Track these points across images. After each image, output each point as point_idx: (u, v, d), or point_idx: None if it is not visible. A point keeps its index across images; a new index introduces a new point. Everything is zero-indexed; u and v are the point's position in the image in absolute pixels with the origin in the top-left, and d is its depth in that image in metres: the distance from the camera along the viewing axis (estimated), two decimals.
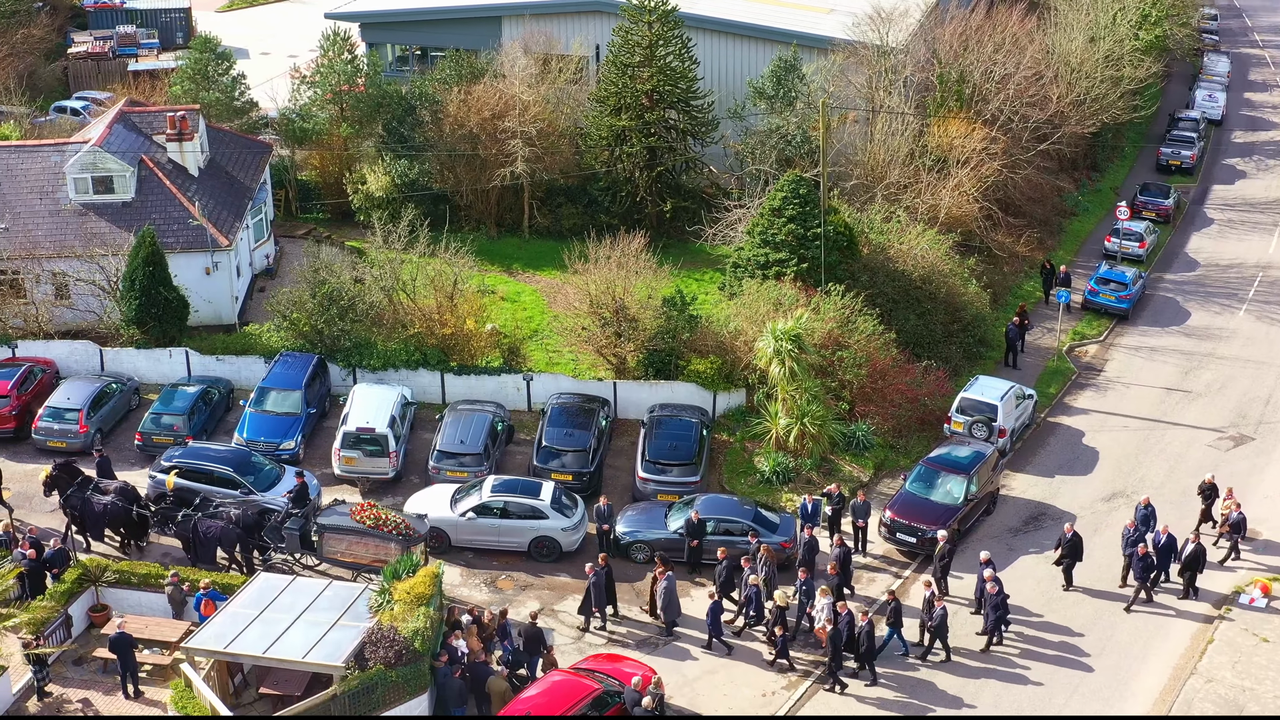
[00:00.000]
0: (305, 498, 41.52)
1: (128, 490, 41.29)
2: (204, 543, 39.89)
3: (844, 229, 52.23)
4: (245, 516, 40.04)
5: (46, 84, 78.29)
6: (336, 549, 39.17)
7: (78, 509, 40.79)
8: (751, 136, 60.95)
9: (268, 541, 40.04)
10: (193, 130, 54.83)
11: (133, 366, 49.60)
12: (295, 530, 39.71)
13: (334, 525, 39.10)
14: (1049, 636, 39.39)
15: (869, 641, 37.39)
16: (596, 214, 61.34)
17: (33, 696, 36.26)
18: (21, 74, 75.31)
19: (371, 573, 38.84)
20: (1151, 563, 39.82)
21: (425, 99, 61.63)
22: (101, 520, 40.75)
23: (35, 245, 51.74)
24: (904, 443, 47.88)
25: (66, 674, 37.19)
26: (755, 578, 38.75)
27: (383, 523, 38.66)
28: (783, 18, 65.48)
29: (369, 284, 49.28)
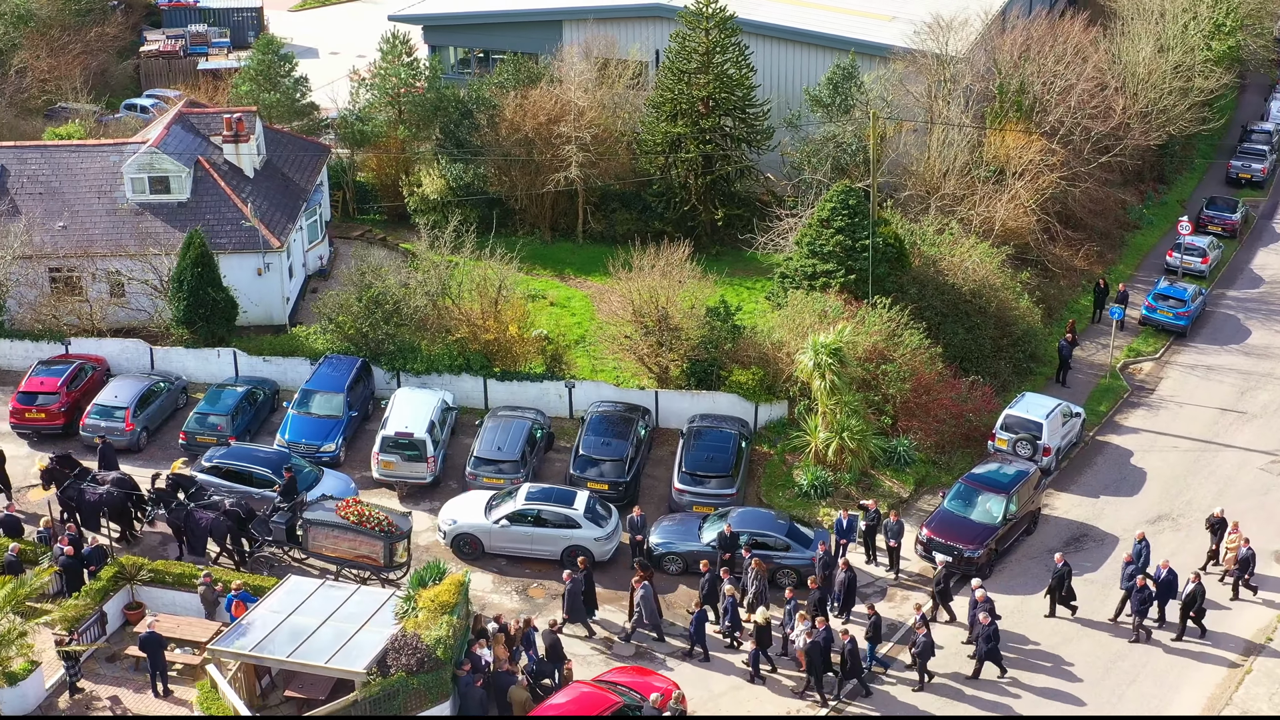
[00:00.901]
0: (293, 491, 41.94)
1: (124, 481, 42.08)
2: (196, 533, 40.57)
3: (894, 240, 51.74)
4: (236, 508, 40.71)
5: (118, 82, 79.46)
6: (321, 543, 39.83)
7: (74, 499, 41.61)
8: (807, 144, 60.59)
9: (256, 534, 40.69)
10: (249, 132, 55.42)
11: (181, 366, 50.25)
12: (282, 524, 40.39)
13: (319, 520, 39.83)
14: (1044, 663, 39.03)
15: (853, 659, 37.03)
16: (650, 220, 61.29)
17: (65, 692, 36.84)
18: (94, 72, 76.59)
19: (355, 568, 39.50)
20: (1149, 595, 39.02)
21: (482, 103, 61.87)
22: (96, 510, 41.42)
23: (91, 244, 52.56)
24: (947, 459, 47.36)
25: (99, 670, 37.76)
26: (730, 588, 38.77)
27: (366, 519, 39.36)
28: (841, 25, 65.03)
29: (413, 288, 49.51)
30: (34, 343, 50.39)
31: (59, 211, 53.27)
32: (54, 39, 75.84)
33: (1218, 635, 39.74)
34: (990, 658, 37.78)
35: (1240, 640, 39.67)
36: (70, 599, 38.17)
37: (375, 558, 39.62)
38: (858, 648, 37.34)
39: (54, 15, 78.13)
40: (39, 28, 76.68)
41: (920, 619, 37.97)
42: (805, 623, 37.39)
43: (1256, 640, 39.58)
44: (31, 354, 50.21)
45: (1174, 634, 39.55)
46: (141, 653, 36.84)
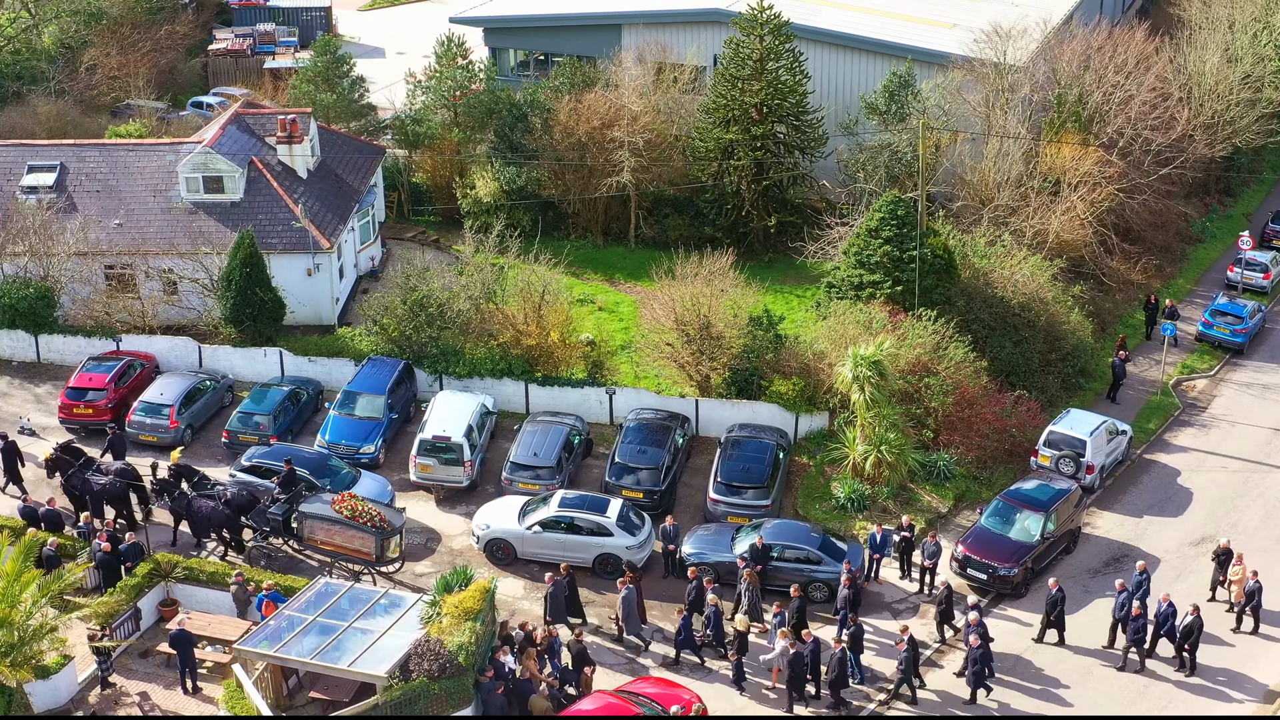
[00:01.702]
0: (292, 483, 42.37)
1: (128, 471, 42.86)
2: (196, 521, 41.39)
3: (943, 252, 51.23)
4: (236, 498, 41.40)
5: (186, 80, 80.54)
6: (316, 536, 40.55)
7: (78, 488, 42.45)
8: (862, 152, 60.18)
9: (253, 524, 41.39)
10: (303, 133, 55.95)
11: (229, 364, 50.84)
12: (279, 515, 41.04)
13: (314, 513, 40.50)
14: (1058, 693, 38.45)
15: (839, 669, 36.77)
16: (702, 226, 61.24)
17: (96, 687, 37.40)
18: (163, 69, 77.67)
19: (348, 561, 40.25)
20: (1143, 625, 38.31)
21: (536, 106, 62.04)
22: (100, 499, 42.23)
23: (146, 242, 53.31)
24: (988, 474, 46.83)
25: (131, 666, 38.27)
26: (713, 597, 38.72)
27: (359, 514, 40.06)
28: (899, 31, 64.53)
29: (456, 292, 49.74)
30: (86, 339, 51.20)
31: (115, 209, 54.09)
32: (124, 36, 76.97)
33: (1238, 676, 38.77)
34: (975, 680, 37.32)
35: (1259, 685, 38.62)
36: (105, 594, 38.75)
37: (367, 552, 40.30)
38: (846, 660, 37.07)
39: (125, 13, 79.30)
40: (110, 25, 77.91)
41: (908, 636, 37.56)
42: (784, 640, 37.12)
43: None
44: (84, 349, 51.01)
45: (1174, 667, 38.71)
46: (171, 650, 37.33)
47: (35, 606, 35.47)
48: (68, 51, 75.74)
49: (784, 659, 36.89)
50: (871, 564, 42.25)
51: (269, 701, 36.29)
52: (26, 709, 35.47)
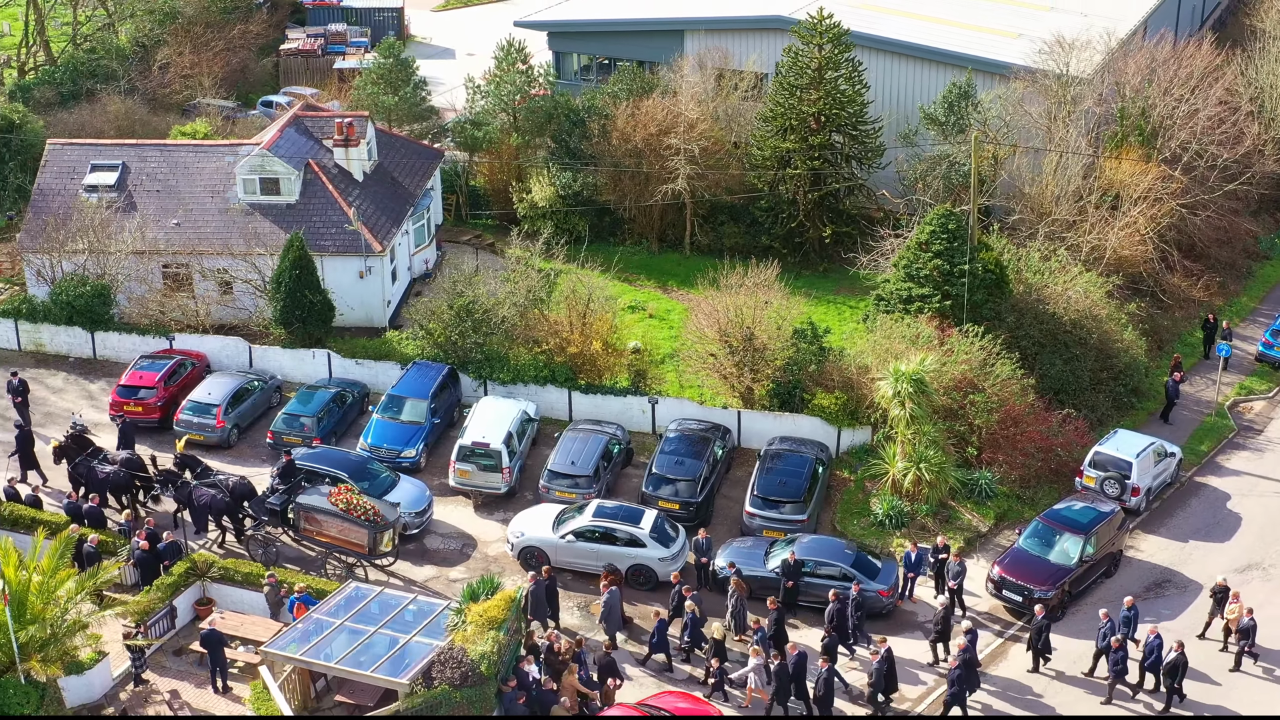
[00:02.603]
0: (292, 474, 43.07)
1: (132, 461, 43.78)
2: (197, 509, 42.31)
3: (994, 266, 50.64)
4: (236, 488, 42.39)
5: (257, 79, 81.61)
6: (311, 527, 41.57)
7: (83, 476, 43.41)
8: (921, 163, 59.67)
9: (251, 513, 42.15)
10: (359, 136, 56.44)
11: (278, 365, 51.42)
12: (276, 505, 41.96)
13: (311, 505, 41.44)
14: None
15: (826, 688, 36.50)
16: (758, 235, 61.07)
17: (129, 683, 38.01)
18: (234, 68, 78.74)
19: (342, 553, 41.18)
20: (1124, 657, 37.64)
21: (594, 112, 62.15)
22: (104, 488, 43.28)
23: (202, 242, 54.06)
24: (1031, 494, 46.24)
25: (166, 663, 38.85)
26: (691, 604, 38.79)
27: (353, 507, 40.95)
28: (961, 41, 63.87)
29: (502, 298, 49.96)
30: (140, 336, 52.01)
31: (174, 209, 54.90)
32: (197, 35, 78.15)
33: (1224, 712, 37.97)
34: (951, 700, 36.89)
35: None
36: (141, 592, 39.38)
37: (361, 545, 41.10)
38: (834, 678, 36.81)
39: (199, 12, 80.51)
40: (184, 24, 79.09)
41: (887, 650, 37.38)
42: (757, 658, 37.04)
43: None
44: (138, 347, 51.85)
45: (1162, 704, 37.88)
46: (202, 649, 37.84)
47: (70, 603, 36.10)
48: (141, 50, 77.00)
49: (758, 675, 36.82)
50: (906, 582, 41.87)
51: (296, 703, 36.76)
52: (60, 703, 36.10)
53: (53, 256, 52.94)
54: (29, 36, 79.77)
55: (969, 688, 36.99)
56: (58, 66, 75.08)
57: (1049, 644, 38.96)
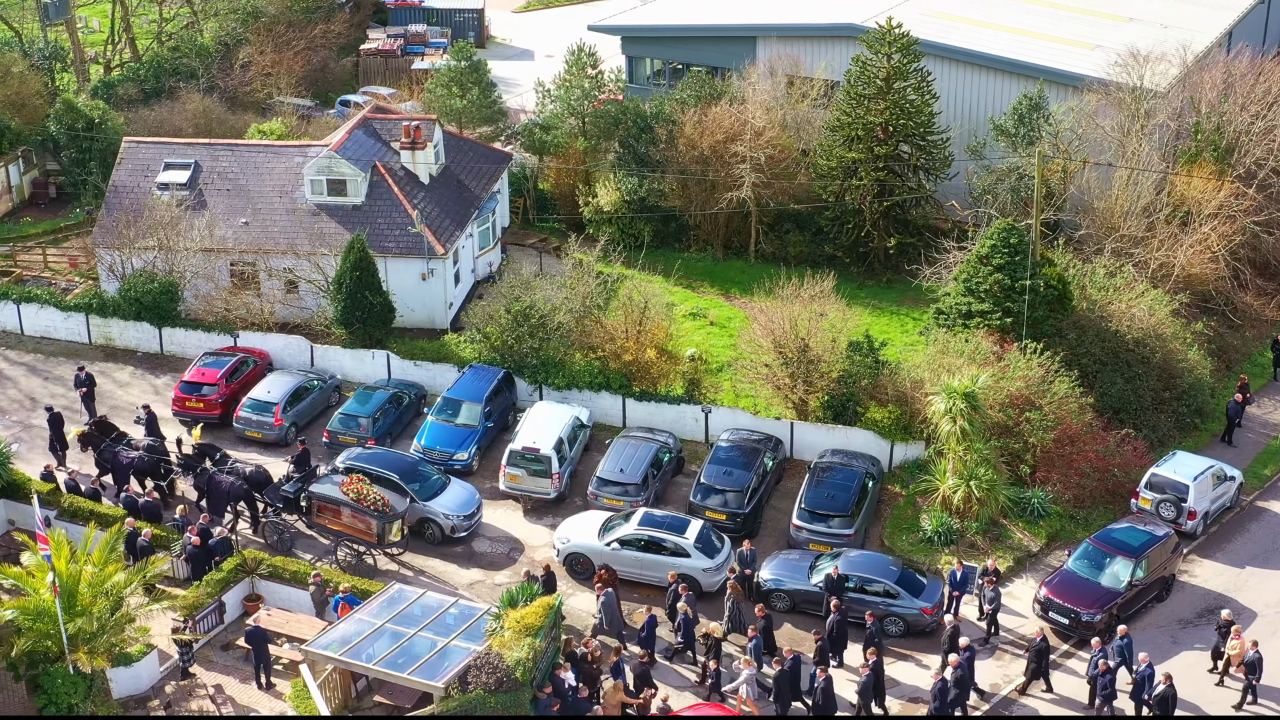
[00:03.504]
0: (306, 463, 44.59)
1: (155, 448, 45.11)
2: (215, 495, 43.43)
3: (1056, 283, 50.04)
4: (253, 475, 43.73)
5: (337, 78, 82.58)
6: (323, 515, 42.68)
7: (109, 462, 44.51)
8: (990, 174, 59.09)
9: (267, 500, 43.45)
10: (426, 139, 56.98)
11: (338, 364, 52.09)
12: (291, 493, 43.16)
13: (323, 494, 42.46)
14: None
15: (825, 698, 36.45)
16: (823, 244, 60.85)
17: (176, 677, 38.73)
18: (315, 67, 79.79)
19: (352, 542, 42.39)
20: (1110, 680, 37.12)
21: (662, 118, 62.24)
22: (127, 473, 44.71)
23: (269, 241, 54.89)
24: (1085, 514, 45.63)
25: (212, 658, 39.57)
26: (684, 604, 39.04)
27: (363, 498, 41.94)
28: (1034, 51, 63.10)
29: (559, 305, 50.22)
30: (206, 333, 52.94)
31: (243, 208, 55.80)
32: (279, 34, 79.25)
33: None
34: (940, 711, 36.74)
35: None
36: (190, 587, 40.13)
37: (369, 534, 42.09)
38: (831, 687, 36.80)
39: (281, 11, 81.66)
40: (266, 23, 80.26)
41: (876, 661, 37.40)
42: (749, 669, 37.15)
43: None
44: (204, 344, 52.78)
45: None
46: (247, 645, 38.47)
47: (119, 596, 36.82)
48: (224, 48, 78.24)
49: (749, 686, 36.98)
50: (951, 600, 41.53)
51: (337, 702, 37.30)
52: (107, 694, 36.87)
53: (124, 253, 53.99)
54: (114, 34, 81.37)
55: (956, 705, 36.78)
56: (142, 64, 76.51)
57: (1047, 666, 38.57)
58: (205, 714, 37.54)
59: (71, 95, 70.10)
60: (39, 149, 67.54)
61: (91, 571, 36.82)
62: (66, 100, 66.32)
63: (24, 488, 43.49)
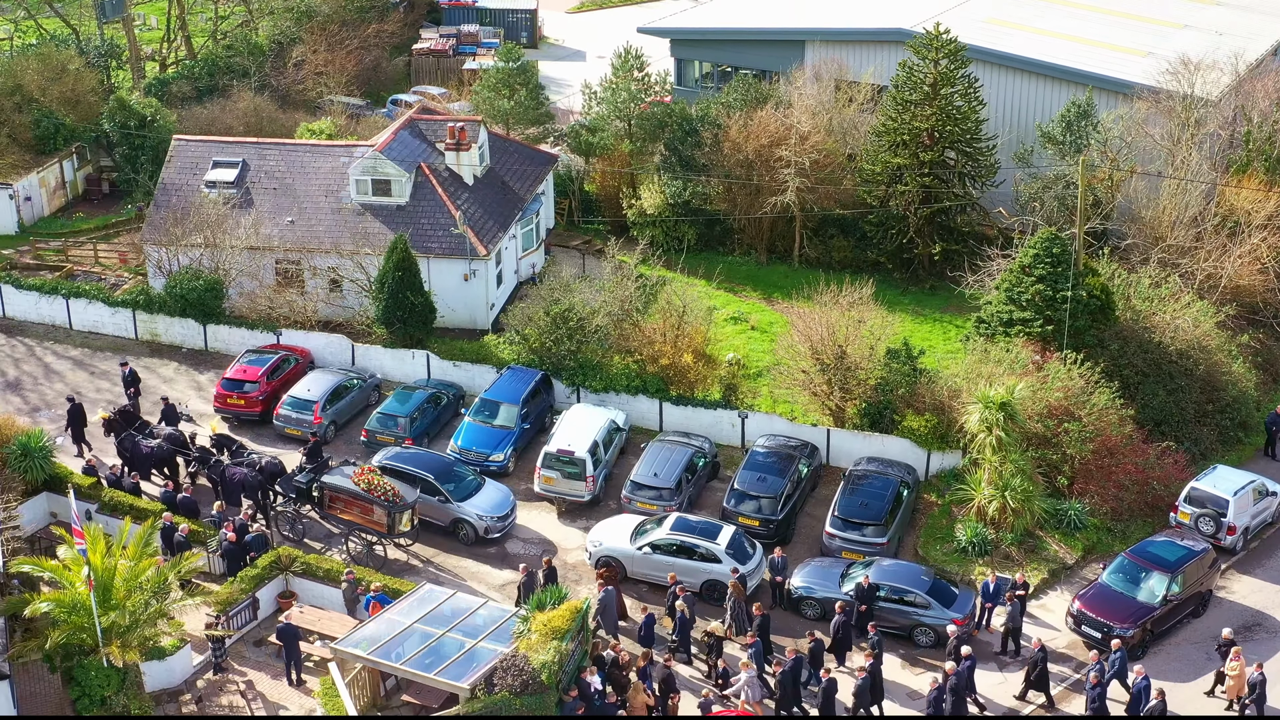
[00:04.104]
0: (318, 454, 45.19)
1: (175, 437, 45.88)
2: (229, 486, 44.25)
3: (1099, 293, 49.61)
4: (267, 467, 44.60)
5: (389, 77, 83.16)
6: (335, 506, 43.27)
7: (129, 450, 45.46)
8: (1036, 182, 58.65)
9: (280, 490, 44.15)
10: (471, 141, 57.26)
11: (379, 364, 52.46)
12: (303, 483, 43.82)
13: (334, 484, 43.11)
14: None
15: (826, 700, 36.51)
16: (867, 249, 60.64)
17: (209, 671, 39.18)
18: (367, 67, 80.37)
19: (363, 532, 42.92)
20: (1102, 694, 37.12)
21: (707, 121, 62.22)
22: (148, 462, 45.51)
23: (314, 240, 55.35)
24: (1123, 527, 45.25)
25: (246, 654, 39.99)
26: (681, 604, 39.18)
27: (374, 488, 42.49)
28: (1083, 58, 62.56)
29: (597, 308, 50.34)
30: (249, 330, 53.44)
31: (289, 207, 56.29)
32: (332, 34, 79.88)
33: None
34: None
35: None
36: (225, 583, 40.56)
37: (380, 524, 42.56)
38: (835, 689, 36.90)
39: (335, 11, 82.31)
40: (320, 22, 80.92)
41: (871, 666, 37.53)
42: (748, 671, 37.21)
43: None
44: (247, 341, 53.31)
45: None
46: (278, 641, 38.84)
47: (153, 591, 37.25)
48: (277, 47, 78.95)
49: (750, 689, 37.07)
50: (983, 612, 41.29)
51: (365, 700, 37.57)
52: (140, 687, 37.30)
53: (171, 250, 54.63)
54: (170, 32, 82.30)
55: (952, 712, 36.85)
56: (196, 62, 77.34)
57: (1045, 677, 38.35)
58: (234, 709, 37.90)
59: (125, 93, 70.94)
60: (93, 145, 68.45)
61: (126, 566, 37.27)
62: (119, 98, 67.16)
63: (66, 481, 44.07)
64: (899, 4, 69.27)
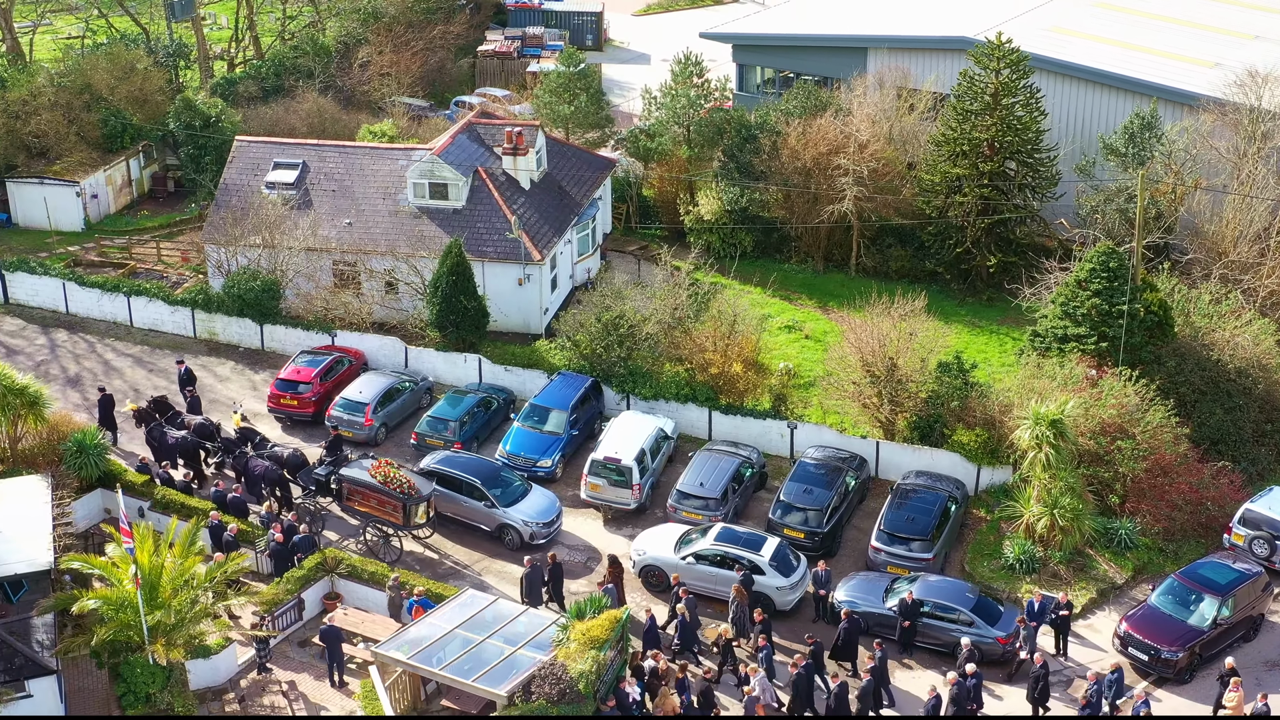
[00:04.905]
0: (338, 448, 46.23)
1: (202, 429, 46.99)
2: (251, 478, 45.15)
3: (1157, 309, 48.97)
4: (289, 459, 45.51)
5: (454, 79, 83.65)
6: (353, 498, 43.85)
7: (157, 440, 46.56)
8: (1098, 194, 57.98)
9: (300, 483, 45.04)
10: (528, 146, 57.46)
11: (431, 367, 52.77)
12: (322, 476, 44.79)
13: (352, 477, 43.73)
14: None
15: (838, 702, 36.61)
16: (924, 260, 60.25)
17: (253, 671, 39.60)
18: (432, 68, 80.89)
19: (380, 524, 43.55)
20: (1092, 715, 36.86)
21: (766, 128, 62.06)
22: (174, 452, 46.63)
23: (371, 242, 55.77)
24: (1175, 547, 44.58)
25: (290, 654, 40.38)
26: (683, 607, 39.27)
27: (390, 481, 43.04)
28: (1150, 68, 61.72)
29: (648, 315, 50.34)
30: (305, 331, 53.94)
31: (347, 209, 56.77)
32: (398, 35, 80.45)
33: None
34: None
35: None
36: (270, 584, 40.98)
37: (395, 516, 43.11)
38: (846, 693, 36.87)
39: (402, 12, 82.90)
40: (386, 23, 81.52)
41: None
42: (757, 675, 37.30)
43: None
44: (302, 341, 53.82)
45: None
46: (321, 643, 39.19)
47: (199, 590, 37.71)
48: (343, 47, 79.63)
49: (764, 692, 37.09)
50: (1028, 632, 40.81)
51: (406, 704, 37.85)
52: (184, 685, 37.76)
53: (230, 250, 55.25)
54: (239, 31, 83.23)
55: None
56: (264, 62, 78.15)
57: (1047, 692, 37.95)
58: (275, 709, 38.27)
59: (192, 92, 71.83)
60: (159, 144, 69.38)
61: (173, 565, 37.75)
62: (185, 97, 68.01)
63: (119, 478, 44.71)
64: (963, 11, 68.83)
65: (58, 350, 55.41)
